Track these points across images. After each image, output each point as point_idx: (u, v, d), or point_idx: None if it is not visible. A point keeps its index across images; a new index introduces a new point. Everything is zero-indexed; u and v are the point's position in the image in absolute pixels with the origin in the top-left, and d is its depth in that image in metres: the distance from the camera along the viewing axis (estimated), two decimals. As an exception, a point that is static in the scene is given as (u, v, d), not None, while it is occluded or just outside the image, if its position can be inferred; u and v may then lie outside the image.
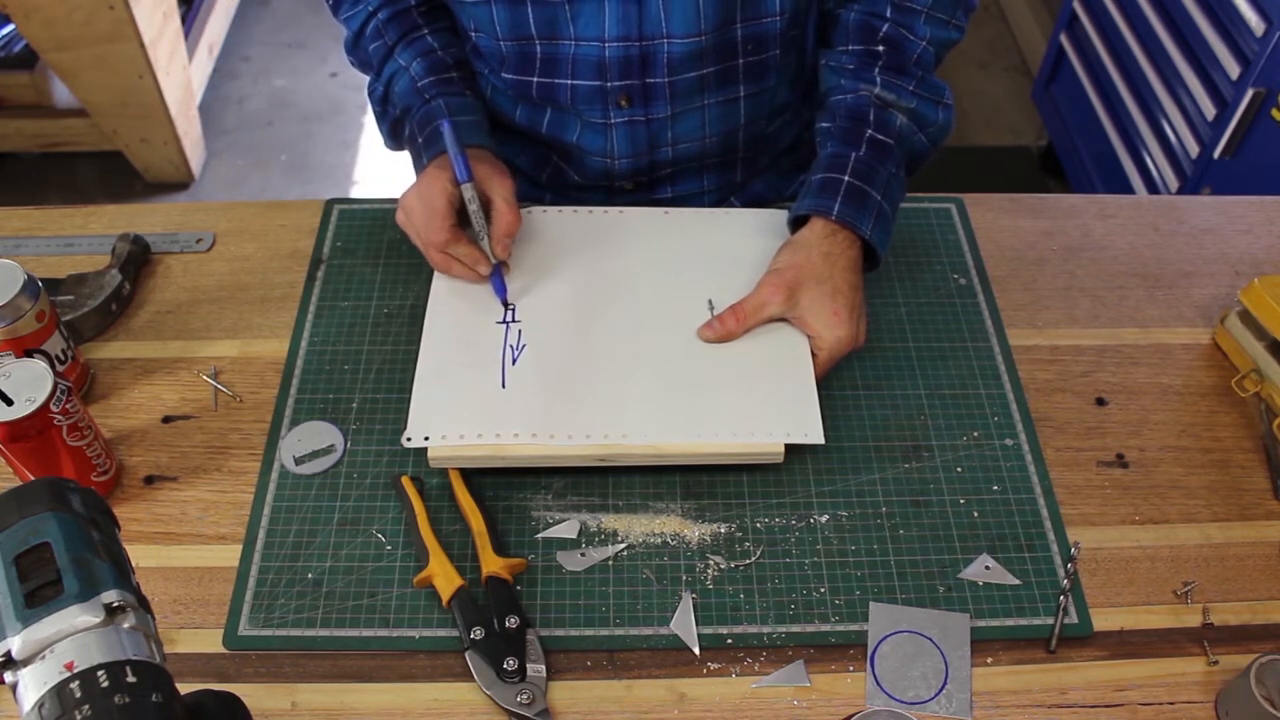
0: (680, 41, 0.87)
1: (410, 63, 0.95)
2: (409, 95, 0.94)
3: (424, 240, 0.87)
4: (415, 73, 0.94)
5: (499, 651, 0.71)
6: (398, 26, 0.95)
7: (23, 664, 0.47)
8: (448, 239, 0.86)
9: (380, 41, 0.96)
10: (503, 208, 0.86)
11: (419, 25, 0.96)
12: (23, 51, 2.27)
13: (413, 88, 0.94)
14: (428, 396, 0.82)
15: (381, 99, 0.98)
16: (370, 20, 0.96)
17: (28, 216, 1.03)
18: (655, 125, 0.94)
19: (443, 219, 0.85)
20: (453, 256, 0.87)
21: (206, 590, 0.76)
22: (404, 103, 0.95)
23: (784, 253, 0.87)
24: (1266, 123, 1.66)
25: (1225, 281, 1.00)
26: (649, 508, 0.81)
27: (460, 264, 0.88)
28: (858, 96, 0.91)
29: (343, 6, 0.98)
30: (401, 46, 0.95)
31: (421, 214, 0.86)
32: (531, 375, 0.83)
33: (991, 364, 0.91)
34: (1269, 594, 0.78)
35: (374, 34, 0.96)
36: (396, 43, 0.95)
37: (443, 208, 0.85)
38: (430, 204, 0.85)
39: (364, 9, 0.96)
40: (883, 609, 0.76)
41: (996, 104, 2.74)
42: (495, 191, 0.86)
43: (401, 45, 0.95)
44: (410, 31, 0.95)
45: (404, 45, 0.95)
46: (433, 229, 0.86)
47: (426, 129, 0.91)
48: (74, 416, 0.76)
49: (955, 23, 0.94)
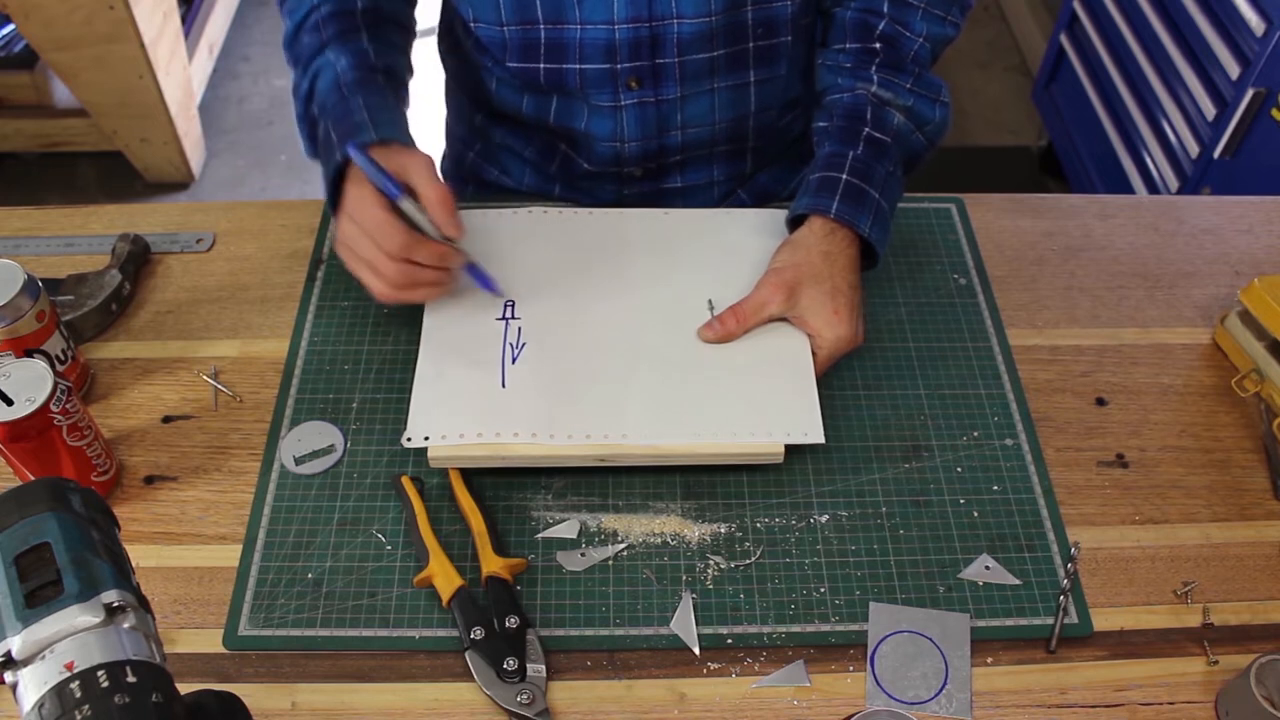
0: (690, 22, 0.87)
1: (338, 59, 0.88)
2: (328, 92, 0.87)
3: (383, 253, 0.78)
4: (341, 69, 0.87)
5: (499, 651, 0.71)
6: (336, 24, 0.90)
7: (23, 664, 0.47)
8: (405, 240, 0.77)
9: (315, 36, 0.90)
10: (426, 186, 0.78)
11: (358, 28, 0.90)
12: (23, 51, 2.27)
13: (334, 84, 0.86)
14: (427, 396, 0.82)
15: (305, 97, 0.90)
16: (311, 14, 0.91)
17: (28, 216, 1.03)
18: (665, 107, 0.94)
19: (393, 224, 0.77)
20: (415, 263, 0.79)
21: (206, 590, 0.76)
22: (321, 99, 0.87)
23: (783, 252, 0.87)
24: (1266, 123, 1.66)
25: (1225, 281, 1.00)
26: (649, 508, 0.81)
27: (428, 271, 0.80)
28: (854, 95, 0.91)
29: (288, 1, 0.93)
30: (335, 44, 0.89)
31: (367, 231, 0.78)
32: (531, 374, 0.83)
33: (991, 364, 0.91)
34: (1269, 594, 0.78)
35: (311, 28, 0.90)
36: (331, 40, 0.89)
37: (385, 216, 0.77)
38: (371, 217, 0.78)
39: (307, 3, 0.91)
40: (883, 609, 0.76)
41: (996, 104, 2.74)
42: (413, 174, 0.79)
43: (335, 43, 0.89)
44: (347, 32, 0.89)
45: (338, 43, 0.89)
46: (386, 236, 0.77)
47: (342, 125, 0.83)
48: (74, 416, 0.76)
49: (951, 19, 0.94)
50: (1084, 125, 2.25)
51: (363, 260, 0.80)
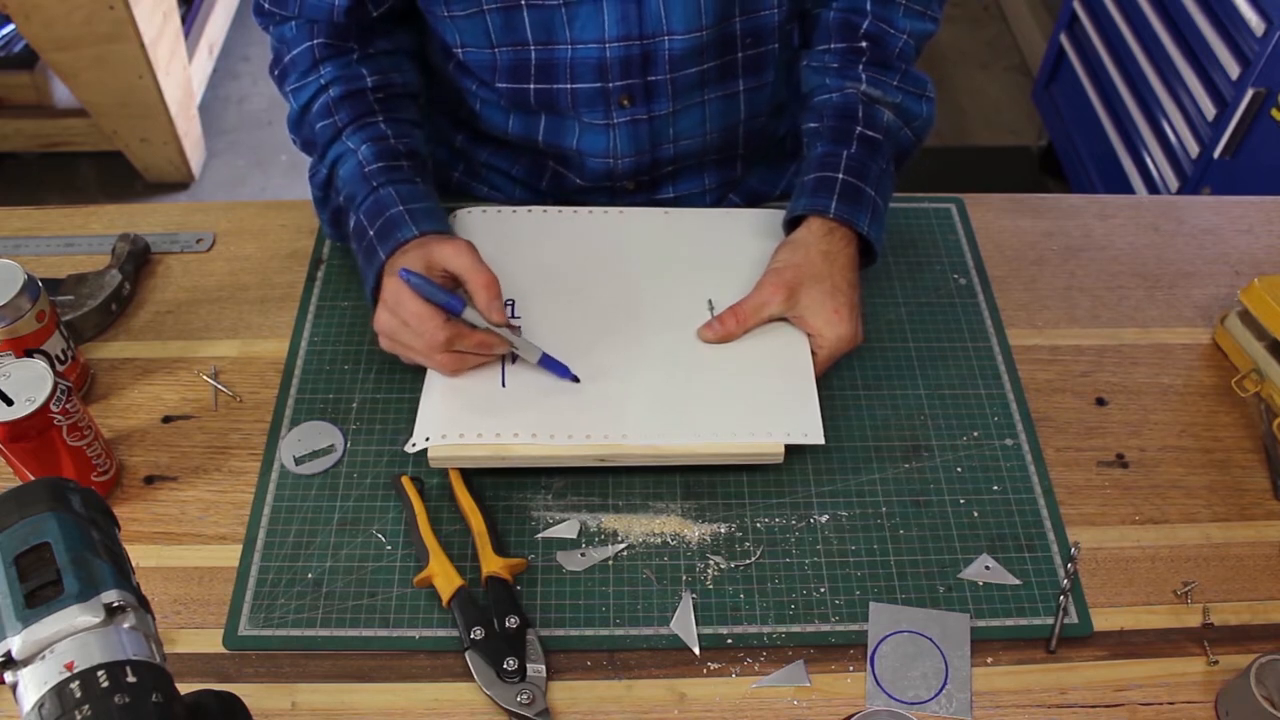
0: (681, 38, 0.87)
1: (359, 146, 0.87)
2: (354, 182, 0.86)
3: (427, 346, 0.79)
4: (364, 156, 0.86)
5: (499, 651, 0.71)
6: (350, 108, 0.88)
7: (23, 664, 0.47)
8: (451, 334, 0.78)
9: (329, 121, 0.88)
10: (472, 274, 0.79)
11: (373, 110, 0.88)
12: (23, 51, 2.27)
13: (359, 173, 0.86)
14: (429, 398, 0.82)
15: (324, 183, 0.91)
16: (320, 95, 0.89)
17: (28, 216, 1.03)
18: (658, 123, 0.94)
19: (432, 317, 0.78)
20: (462, 352, 0.80)
21: (206, 590, 0.76)
22: (348, 190, 0.87)
23: (782, 252, 0.87)
24: (1266, 123, 1.66)
25: (1225, 281, 1.00)
26: (649, 508, 0.81)
27: (471, 355, 0.81)
28: (844, 94, 0.91)
29: (289, 78, 0.91)
30: (352, 129, 0.88)
31: (408, 323, 0.78)
32: (532, 375, 0.83)
33: (991, 364, 0.91)
34: (1269, 594, 0.78)
35: (322, 111, 0.89)
36: (347, 125, 0.88)
37: (425, 309, 0.78)
38: (411, 311, 0.78)
39: (314, 82, 0.89)
40: (883, 609, 0.76)
41: (996, 104, 2.74)
42: (456, 264, 0.79)
43: (352, 128, 0.88)
44: (363, 115, 0.88)
45: (355, 128, 0.88)
46: (429, 332, 0.78)
47: (378, 221, 0.83)
48: (74, 416, 0.76)
49: (930, 14, 0.95)
50: (1084, 125, 2.25)
51: (408, 348, 0.80)
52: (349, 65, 0.90)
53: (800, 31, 0.99)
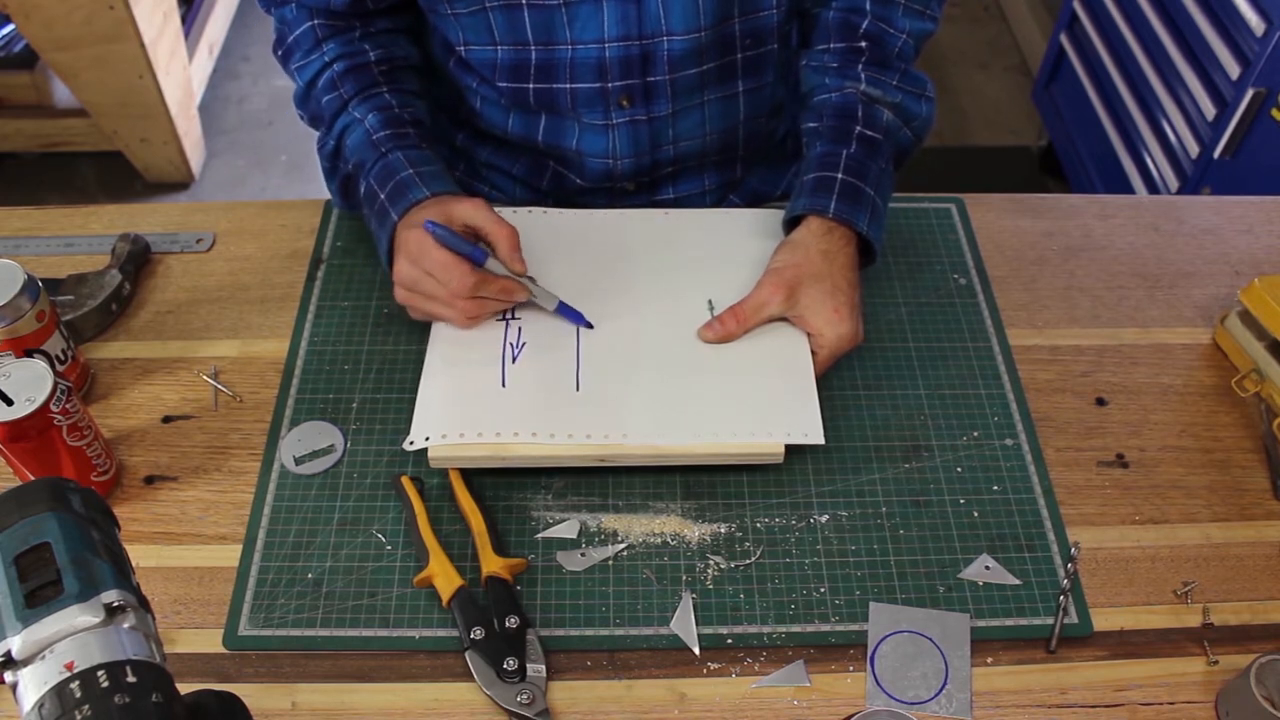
0: (680, 38, 0.87)
1: (365, 116, 0.89)
2: (363, 149, 0.89)
3: (452, 294, 0.81)
4: (370, 125, 0.89)
5: (499, 651, 0.71)
6: (355, 80, 0.91)
7: (23, 664, 0.47)
8: (475, 281, 0.81)
9: (335, 94, 0.91)
10: (492, 226, 0.82)
11: (378, 82, 0.91)
12: (23, 51, 2.27)
13: (367, 140, 0.88)
14: (429, 398, 0.82)
15: (332, 154, 0.93)
16: (324, 71, 0.91)
17: (28, 216, 1.03)
18: (657, 124, 0.94)
19: (459, 264, 0.80)
20: (484, 298, 0.82)
21: (206, 590, 0.76)
22: (357, 157, 0.89)
23: (782, 252, 0.87)
24: (1266, 123, 1.66)
25: (1225, 281, 1.00)
26: (649, 508, 0.81)
27: (492, 301, 0.83)
28: (843, 94, 0.91)
29: (294, 56, 0.93)
30: (358, 101, 0.90)
31: (433, 273, 0.81)
32: (531, 374, 0.83)
33: (991, 364, 0.91)
34: (1269, 594, 0.78)
35: (328, 86, 0.91)
36: (353, 97, 0.90)
37: (450, 258, 0.80)
38: (437, 260, 0.80)
39: (318, 59, 0.91)
40: (883, 609, 0.76)
41: (996, 104, 2.74)
42: (475, 219, 0.82)
43: (358, 99, 0.90)
44: (369, 87, 0.91)
45: (360, 100, 0.90)
46: (454, 278, 0.80)
47: (389, 184, 0.86)
48: (74, 416, 0.76)
49: (930, 13, 0.95)
50: (1084, 125, 2.25)
51: (430, 298, 0.83)
52: (351, 42, 0.92)
53: (799, 31, 0.99)
